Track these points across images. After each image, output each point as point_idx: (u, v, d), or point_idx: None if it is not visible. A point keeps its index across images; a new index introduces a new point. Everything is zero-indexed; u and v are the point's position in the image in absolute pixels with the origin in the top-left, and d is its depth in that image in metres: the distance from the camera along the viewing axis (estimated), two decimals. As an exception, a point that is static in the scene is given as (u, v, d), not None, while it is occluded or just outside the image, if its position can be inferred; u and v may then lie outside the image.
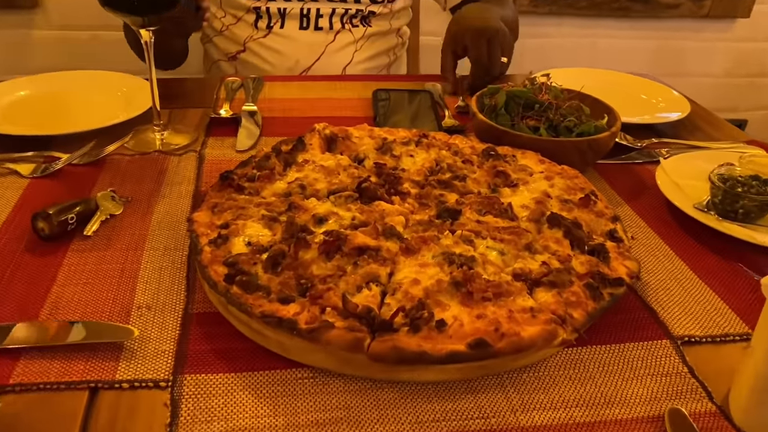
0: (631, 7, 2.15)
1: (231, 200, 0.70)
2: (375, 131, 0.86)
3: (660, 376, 0.57)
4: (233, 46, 1.37)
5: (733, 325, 0.64)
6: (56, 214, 0.70)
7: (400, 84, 1.18)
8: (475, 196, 0.72)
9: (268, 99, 1.11)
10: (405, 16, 1.49)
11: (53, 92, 1.04)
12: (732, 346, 0.61)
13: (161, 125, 0.93)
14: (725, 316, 0.65)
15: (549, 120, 0.89)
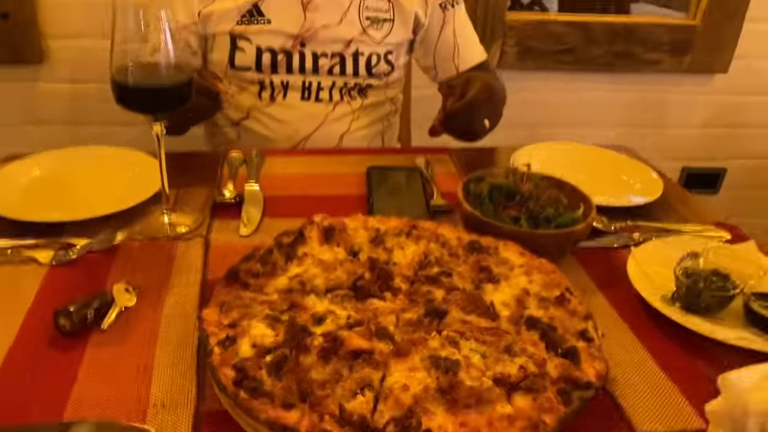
0: (614, 63, 2.24)
1: (237, 298, 0.77)
2: (369, 222, 0.93)
3: (624, 475, 0.64)
4: (237, 114, 1.44)
5: (692, 421, 0.70)
6: (76, 311, 0.76)
7: (392, 158, 1.26)
8: (460, 293, 0.79)
9: (270, 176, 1.18)
10: (399, 85, 1.58)
11: (66, 171, 1.10)
12: (690, 443, 0.68)
13: (169, 208, 1.00)
14: (684, 412, 0.72)
15: (529, 210, 0.96)
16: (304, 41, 1.37)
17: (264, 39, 1.35)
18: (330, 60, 1.40)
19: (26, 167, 1.09)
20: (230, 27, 1.35)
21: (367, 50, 1.42)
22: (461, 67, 1.52)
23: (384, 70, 1.46)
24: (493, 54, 2.13)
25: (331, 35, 1.38)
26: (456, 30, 1.50)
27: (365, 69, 1.43)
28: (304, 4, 1.36)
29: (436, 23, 1.49)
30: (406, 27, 1.46)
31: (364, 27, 1.40)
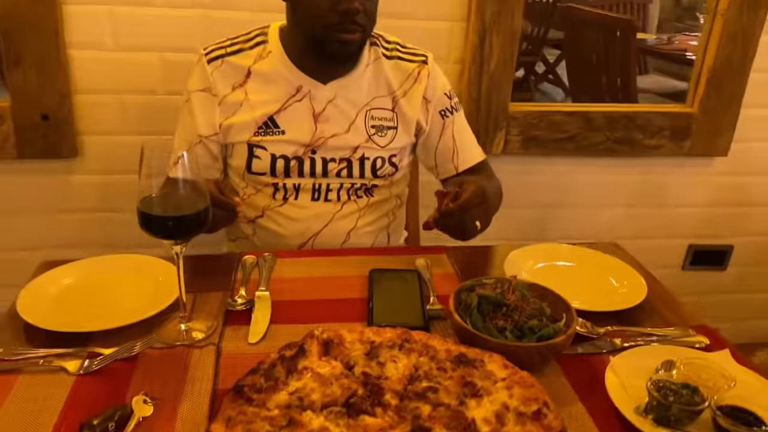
0: (615, 149, 2.34)
1: (242, 414, 0.85)
2: (365, 333, 1.01)
3: None
4: (253, 212, 1.56)
5: None
6: (99, 424, 0.85)
7: (393, 259, 1.36)
8: (445, 409, 0.87)
9: (279, 279, 1.28)
10: (404, 181, 1.69)
11: (94, 280, 1.21)
12: None
13: (186, 316, 1.10)
14: None
15: (514, 321, 1.04)
16: (315, 149, 1.50)
17: (278, 147, 1.48)
18: (338, 164, 1.52)
19: (57, 277, 1.20)
20: (248, 137, 1.48)
21: (373, 155, 1.54)
22: (460, 168, 1.63)
23: (389, 172, 1.58)
24: (497, 142, 2.25)
25: (340, 143, 1.51)
26: (455, 134, 1.62)
27: (371, 171, 1.55)
28: (315, 116, 1.49)
29: (437, 128, 1.61)
30: (408, 133, 1.58)
31: (370, 135, 1.53)
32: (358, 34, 1.39)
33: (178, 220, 1.01)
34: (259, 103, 1.48)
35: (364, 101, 1.54)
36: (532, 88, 5.33)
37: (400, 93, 1.56)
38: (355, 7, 1.34)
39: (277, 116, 1.48)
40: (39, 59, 1.88)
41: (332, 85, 1.50)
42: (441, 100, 1.61)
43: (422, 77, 1.57)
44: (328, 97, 1.50)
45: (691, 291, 2.67)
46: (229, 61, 1.49)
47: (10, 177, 2.02)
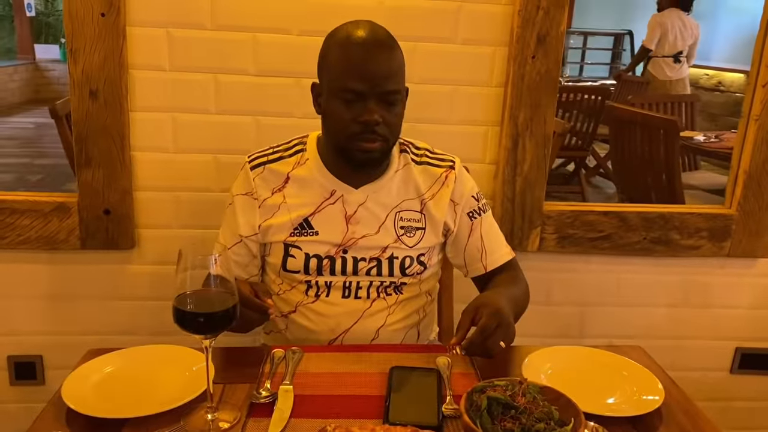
0: (653, 249, 2.35)
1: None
2: (375, 431, 1.06)
3: None
4: (286, 307, 1.65)
5: None
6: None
7: (417, 357, 1.41)
8: None
9: (304, 373, 1.35)
10: (433, 278, 1.76)
11: (133, 368, 1.31)
12: None
13: (213, 407, 1.18)
14: None
15: (522, 425, 1.07)
16: (346, 248, 1.60)
17: (312, 247, 1.59)
18: (368, 263, 1.61)
19: (100, 365, 1.30)
20: (284, 237, 1.59)
21: (401, 254, 1.63)
22: (489, 267, 1.70)
23: (417, 270, 1.65)
24: (533, 240, 2.31)
25: (370, 243, 1.61)
26: (483, 235, 1.70)
27: (399, 270, 1.62)
28: (347, 218, 1.60)
29: (465, 229, 1.69)
30: (436, 234, 1.66)
31: (399, 235, 1.62)
32: (378, 143, 1.50)
33: (208, 316, 1.11)
34: (296, 206, 1.60)
35: (393, 203, 1.64)
36: (582, 182, 5.38)
37: (428, 196, 1.66)
38: (375, 119, 1.46)
39: (311, 218, 1.60)
40: (106, 160, 2.07)
41: (363, 189, 1.61)
42: (468, 202, 1.69)
43: (449, 181, 1.67)
44: (360, 201, 1.61)
45: (740, 396, 2.58)
46: (270, 168, 1.63)
47: (72, 266, 2.18)
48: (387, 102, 1.49)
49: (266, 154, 1.65)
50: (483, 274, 1.71)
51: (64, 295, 2.21)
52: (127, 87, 2.03)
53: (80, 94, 2.02)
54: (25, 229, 2.11)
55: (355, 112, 1.47)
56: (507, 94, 2.15)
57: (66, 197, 2.12)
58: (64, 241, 2.13)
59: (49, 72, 9.56)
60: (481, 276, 1.73)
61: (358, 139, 1.49)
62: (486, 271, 1.71)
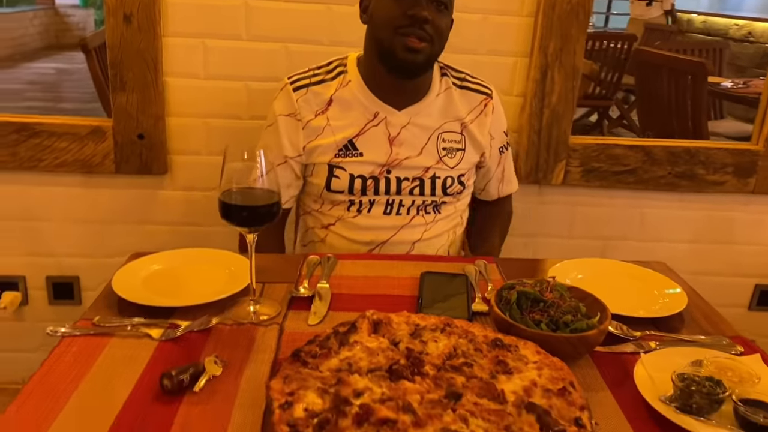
0: (677, 183, 2.37)
1: (298, 373, 0.97)
2: (411, 318, 1.12)
3: None
4: (327, 220, 1.70)
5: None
6: (176, 375, 0.99)
7: (446, 266, 1.46)
8: (477, 381, 0.96)
9: (339, 276, 1.40)
10: (467, 198, 1.82)
11: (177, 267, 1.38)
12: None
13: (255, 300, 1.24)
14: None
15: (550, 316, 1.12)
16: (390, 169, 1.64)
17: (356, 168, 1.63)
18: (411, 183, 1.66)
19: (146, 263, 1.37)
20: (329, 159, 1.63)
21: (443, 174, 1.68)
22: (501, 195, 1.88)
23: (457, 190, 1.71)
24: (557, 173, 2.33)
25: (413, 164, 1.65)
26: (505, 167, 1.83)
27: (441, 190, 1.68)
28: (391, 139, 1.64)
29: (494, 162, 1.79)
30: (475, 155, 1.73)
31: (441, 156, 1.67)
32: (424, 44, 1.53)
33: (252, 210, 1.16)
34: (340, 128, 1.63)
35: (435, 125, 1.68)
36: (605, 132, 5.35)
37: (468, 119, 1.71)
38: (424, 15, 1.49)
39: (356, 140, 1.63)
40: (140, 84, 2.11)
41: (406, 112, 1.65)
42: (501, 138, 1.80)
43: (488, 110, 1.73)
44: (402, 123, 1.65)
45: (758, 333, 2.61)
46: (313, 91, 1.65)
47: (107, 190, 2.25)
48: (437, 3, 1.52)
49: (308, 77, 1.67)
50: (495, 199, 1.88)
51: (100, 218, 2.28)
52: (160, 11, 2.06)
53: (115, 19, 2.06)
54: (62, 152, 2.17)
55: (405, 5, 1.50)
56: (537, 24, 2.15)
57: (101, 121, 2.17)
58: (100, 164, 2.19)
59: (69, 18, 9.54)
60: (488, 201, 1.90)
61: (406, 33, 1.50)
62: (498, 197, 1.87)
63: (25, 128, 2.14)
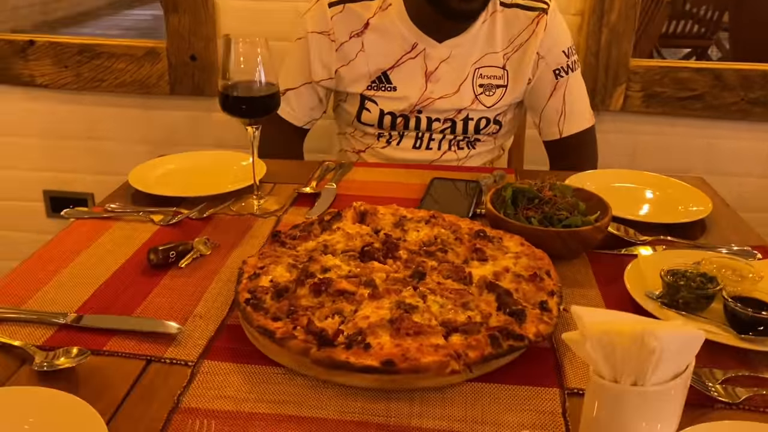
0: (750, 111, 2.18)
1: (274, 251, 0.99)
2: (399, 210, 1.11)
3: (535, 412, 0.75)
4: (359, 146, 1.67)
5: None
6: (163, 251, 1.03)
7: (460, 174, 1.42)
8: (448, 265, 0.94)
9: (350, 180, 1.40)
10: (510, 133, 1.71)
11: (193, 165, 1.42)
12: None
13: (259, 195, 1.26)
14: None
15: (544, 213, 1.08)
16: (421, 109, 1.56)
17: (388, 104, 1.56)
18: (442, 124, 1.58)
19: (164, 162, 1.42)
20: (361, 89, 1.56)
21: (477, 115, 1.57)
22: (564, 133, 1.59)
23: (493, 130, 1.60)
24: (616, 98, 2.20)
25: (446, 105, 1.55)
26: (566, 96, 1.57)
27: (474, 130, 1.59)
28: (427, 74, 1.54)
29: (547, 88, 1.57)
30: (517, 91, 1.57)
31: (477, 95, 1.55)
32: None
33: (251, 100, 1.17)
34: (374, 56, 1.53)
35: (475, 58, 1.54)
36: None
37: (513, 47, 1.55)
38: None
39: (390, 72, 1.54)
40: (191, 6, 2.16)
41: (447, 44, 1.52)
42: (557, 58, 1.55)
43: (539, 29, 1.52)
44: (442, 57, 1.53)
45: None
46: (350, 8, 1.53)
47: (162, 111, 2.34)
48: None
49: None
50: (557, 139, 1.61)
51: (155, 139, 2.38)
52: (209, -69, 2.08)
53: (167, -59, 2.10)
54: (121, 72, 2.27)
55: None
56: (594, -67, 2.01)
57: (156, 43, 2.25)
58: (155, 85, 2.27)
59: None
60: (554, 142, 1.62)
61: None
62: (560, 136, 1.60)
63: (87, 49, 2.25)
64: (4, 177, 2.48)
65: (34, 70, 2.29)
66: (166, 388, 0.78)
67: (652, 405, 0.63)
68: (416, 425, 0.73)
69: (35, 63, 2.28)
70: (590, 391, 0.66)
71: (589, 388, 0.66)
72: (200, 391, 0.78)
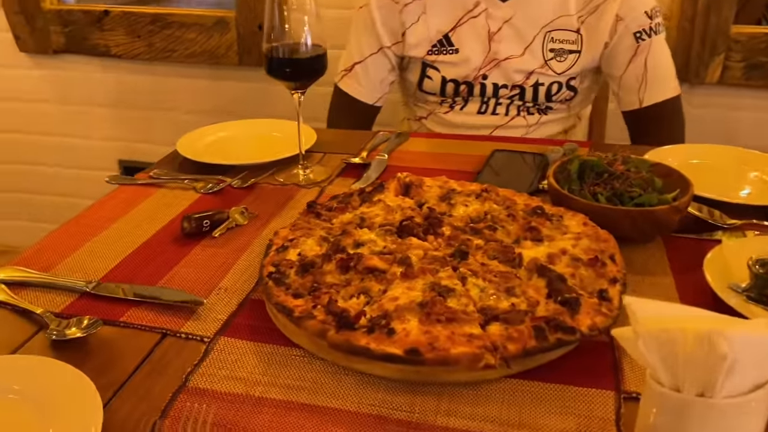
0: None
1: (307, 223, 0.91)
2: (449, 183, 1.01)
3: (583, 417, 0.64)
4: (420, 112, 1.59)
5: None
6: (196, 219, 0.98)
7: (527, 146, 1.30)
8: (496, 244, 0.84)
9: (403, 151, 1.31)
10: (587, 100, 1.57)
11: (243, 133, 1.37)
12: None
13: (304, 165, 1.19)
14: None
15: (613, 189, 0.95)
16: (486, 74, 1.45)
17: (450, 70, 1.46)
18: (510, 90, 1.46)
19: (214, 130, 1.38)
20: (423, 54, 1.48)
21: (548, 80, 1.45)
22: (645, 102, 1.45)
23: (566, 96, 1.47)
24: (713, 69, 2.00)
25: (513, 67, 1.44)
26: (648, 62, 1.42)
27: (545, 97, 1.46)
28: (490, 35, 1.44)
29: (627, 52, 1.43)
30: (592, 57, 1.44)
31: (546, 59, 1.43)
32: None
33: (296, 62, 1.10)
34: (435, 19, 1.46)
35: (545, 21, 1.43)
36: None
37: (588, 10, 1.42)
38: None
39: (451, 34, 1.46)
40: (258, -27, 2.12)
41: (510, 4, 1.42)
42: (638, 19, 1.40)
43: None
44: (505, 17, 1.43)
45: None
46: None
47: (231, 82, 2.32)
48: None
49: None
50: (636, 109, 1.46)
51: (224, 110, 2.37)
52: None
53: None
54: (191, 42, 2.26)
55: None
56: None
57: (225, 12, 2.22)
58: (224, 56, 2.25)
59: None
60: (633, 112, 1.47)
61: None
62: (641, 106, 1.45)
63: (159, 19, 2.25)
64: (82, 146, 2.54)
65: (109, 40, 2.32)
66: (176, 365, 0.73)
67: (724, 421, 0.52)
68: (442, 424, 0.64)
69: (110, 33, 2.30)
70: (646, 398, 0.55)
71: (645, 394, 0.55)
72: (211, 370, 0.72)
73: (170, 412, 0.66)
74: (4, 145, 2.60)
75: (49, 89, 2.48)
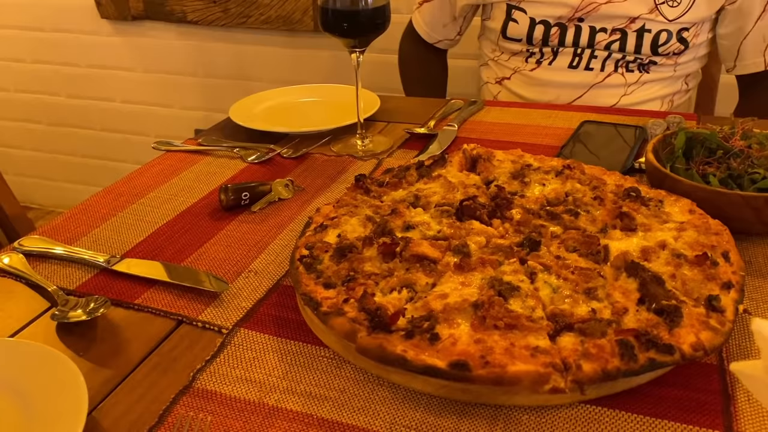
0: None
1: (353, 199, 0.79)
2: (524, 157, 0.85)
3: (680, 467, 0.49)
4: (503, 72, 1.43)
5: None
6: (234, 190, 0.88)
7: (625, 118, 1.12)
8: (577, 233, 0.68)
9: (477, 121, 1.16)
10: (696, 62, 1.35)
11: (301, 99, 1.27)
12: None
13: (363, 134, 1.07)
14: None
15: (729, 169, 0.77)
16: (583, 16, 1.27)
17: (539, 9, 1.29)
18: (609, 36, 1.27)
19: (271, 96, 1.28)
20: None
21: (656, 27, 1.25)
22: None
23: (675, 49, 1.27)
24: None
25: (615, 10, 1.25)
26: None
27: (650, 47, 1.26)
28: None
29: (756, 7, 1.23)
30: (711, 5, 1.24)
31: (657, 3, 1.23)
32: None
33: (354, 14, 0.97)
34: None
35: None
36: None
37: None
38: None
39: None
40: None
41: None
42: None
43: None
44: None
45: None
46: None
47: (306, 51, 2.22)
48: None
49: None
50: (760, 72, 1.27)
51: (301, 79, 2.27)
52: None
53: None
54: (266, 8, 2.16)
55: None
56: None
57: (300, -26, 2.11)
58: (299, 21, 2.15)
59: None
60: (753, 77, 1.28)
61: None
62: (766, 68, 1.26)
63: (234, -18, 2.17)
64: (161, 114, 2.53)
65: (186, 5, 2.26)
66: (186, 359, 0.62)
67: None
68: (493, 459, 0.51)
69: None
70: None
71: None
72: (224, 368, 0.61)
73: (167, 418, 0.56)
74: (83, 111, 2.63)
75: (128, 56, 2.47)
